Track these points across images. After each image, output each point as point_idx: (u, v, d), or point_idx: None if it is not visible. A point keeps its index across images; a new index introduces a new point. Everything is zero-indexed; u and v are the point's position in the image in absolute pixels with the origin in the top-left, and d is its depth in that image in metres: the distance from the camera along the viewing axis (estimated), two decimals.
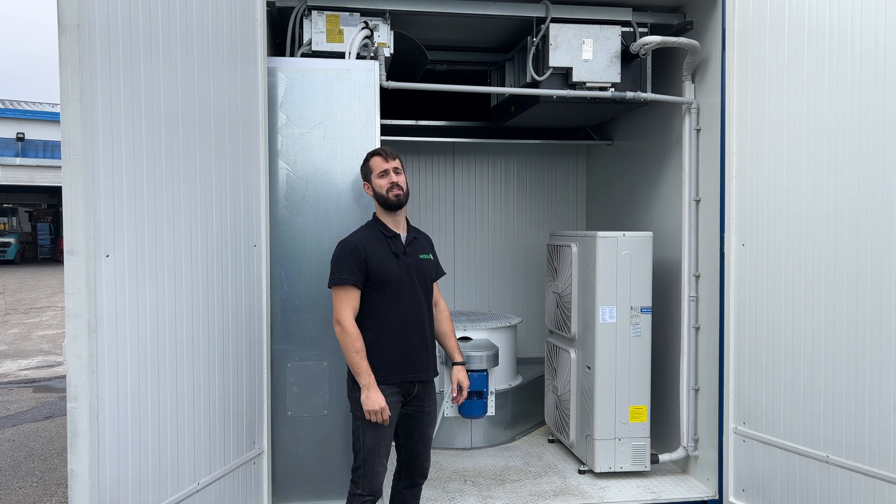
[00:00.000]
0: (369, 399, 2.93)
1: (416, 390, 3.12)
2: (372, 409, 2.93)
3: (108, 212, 2.47)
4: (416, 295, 3.09)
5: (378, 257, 3.02)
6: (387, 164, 3.10)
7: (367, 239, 3.07)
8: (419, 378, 3.11)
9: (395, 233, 3.13)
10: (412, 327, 3.07)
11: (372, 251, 3.02)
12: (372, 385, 2.94)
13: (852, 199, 3.17)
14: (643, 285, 4.23)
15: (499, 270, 6.30)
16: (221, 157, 3.09)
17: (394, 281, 3.03)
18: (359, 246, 3.02)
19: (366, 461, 3.02)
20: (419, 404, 3.16)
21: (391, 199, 3.07)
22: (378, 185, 3.10)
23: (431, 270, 3.23)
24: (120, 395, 2.54)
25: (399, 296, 3.04)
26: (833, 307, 3.27)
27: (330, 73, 3.68)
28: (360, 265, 2.99)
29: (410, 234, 3.20)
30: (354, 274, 2.98)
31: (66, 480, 4.04)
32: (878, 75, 3.06)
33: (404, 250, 3.11)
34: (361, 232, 3.14)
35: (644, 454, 4.26)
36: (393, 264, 3.04)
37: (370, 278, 3.01)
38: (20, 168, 24.37)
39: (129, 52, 2.54)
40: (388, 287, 3.02)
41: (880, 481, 3.07)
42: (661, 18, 4.37)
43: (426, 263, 3.19)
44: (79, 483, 2.40)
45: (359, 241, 3.04)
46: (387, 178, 3.08)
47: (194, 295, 2.93)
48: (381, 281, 3.01)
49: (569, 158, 6.36)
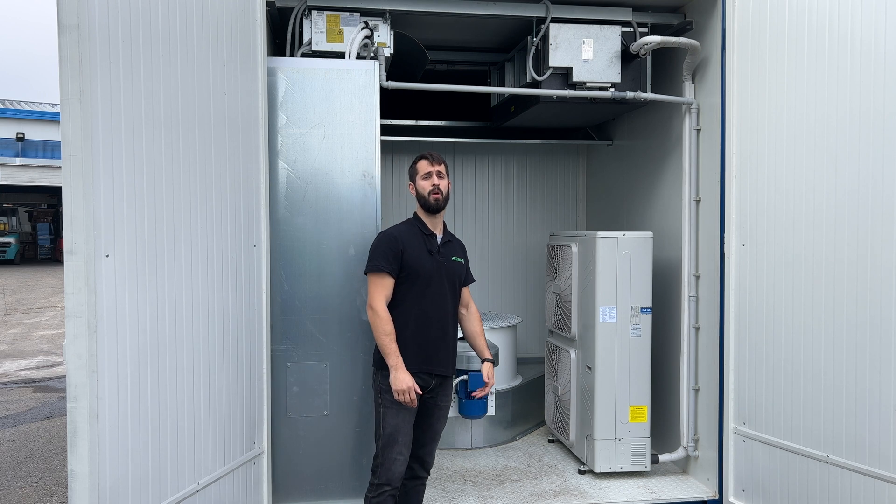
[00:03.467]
0: (397, 378, 3.04)
1: (434, 383, 3.24)
2: (400, 388, 3.03)
3: (108, 212, 2.46)
4: (443, 291, 3.23)
5: (413, 251, 3.18)
6: (432, 167, 3.27)
7: (406, 233, 3.24)
8: (434, 371, 3.22)
9: (433, 232, 3.29)
10: (434, 322, 3.20)
11: (409, 244, 3.19)
12: (400, 366, 3.06)
13: (852, 199, 3.17)
14: (643, 285, 4.23)
15: (499, 270, 6.30)
16: (221, 157, 3.09)
17: (424, 275, 3.17)
18: (398, 237, 3.19)
19: (384, 448, 3.12)
20: (433, 397, 3.27)
21: (430, 202, 3.25)
22: (421, 187, 3.27)
23: (461, 273, 3.37)
24: (120, 395, 2.54)
25: (427, 290, 3.18)
26: (833, 307, 3.27)
27: (330, 73, 3.68)
28: (397, 255, 3.15)
29: (446, 236, 3.37)
30: (391, 263, 3.14)
31: (66, 480, 4.04)
32: (878, 75, 3.06)
33: (438, 249, 3.27)
34: (401, 226, 3.31)
35: (644, 454, 4.26)
36: (426, 259, 3.20)
37: (404, 269, 3.16)
38: (20, 168, 24.37)
39: (129, 52, 2.54)
40: (419, 280, 3.17)
41: (880, 481, 3.07)
42: (661, 18, 4.37)
43: (457, 265, 3.34)
44: (79, 483, 2.40)
45: (398, 234, 3.22)
46: (430, 181, 3.25)
47: (194, 295, 2.93)
48: (413, 273, 3.16)
49: (569, 158, 6.36)
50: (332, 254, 3.67)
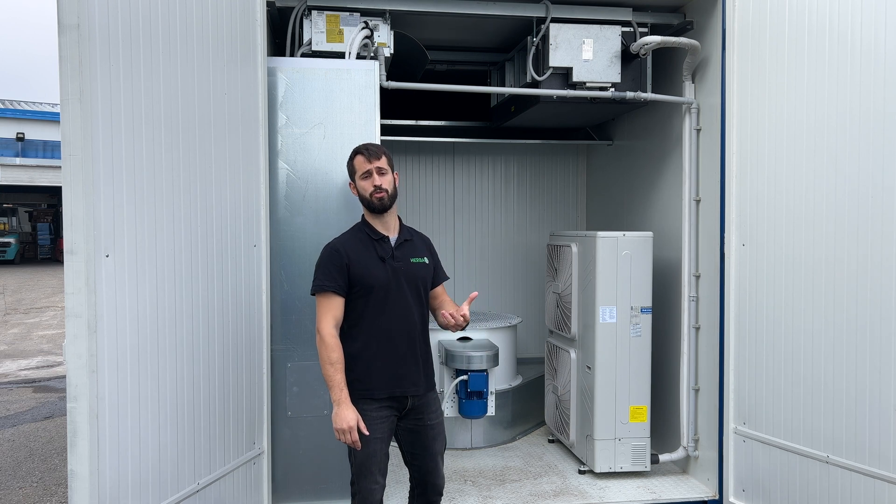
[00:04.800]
0: (338, 416, 2.70)
1: (411, 403, 2.90)
2: (339, 427, 2.69)
3: (108, 212, 2.47)
4: (404, 302, 2.86)
5: (361, 261, 2.82)
6: (369, 164, 2.84)
7: (351, 242, 2.87)
8: (408, 392, 2.87)
9: (383, 235, 2.90)
10: (400, 337, 2.85)
11: (355, 255, 2.82)
12: (343, 401, 2.71)
13: (852, 199, 3.17)
14: (643, 285, 4.22)
15: (499, 270, 6.30)
16: (221, 157, 3.09)
17: (379, 287, 2.81)
18: (340, 250, 2.83)
19: (358, 478, 2.83)
20: (419, 417, 2.92)
21: (374, 203, 2.85)
22: (361, 188, 2.87)
23: (425, 275, 2.96)
24: (120, 395, 2.54)
25: (385, 303, 2.82)
26: (833, 307, 3.27)
27: (330, 73, 3.68)
28: (342, 270, 2.79)
29: (402, 235, 2.96)
30: (335, 280, 2.78)
31: (66, 480, 4.04)
32: (878, 74, 3.06)
33: (392, 254, 2.88)
34: (346, 235, 2.94)
35: (644, 454, 4.26)
36: (378, 269, 2.83)
37: (354, 284, 2.81)
38: (20, 168, 24.37)
39: (129, 52, 2.54)
40: (374, 294, 2.81)
41: (880, 481, 3.07)
42: (661, 18, 4.36)
43: (418, 268, 2.93)
44: (79, 483, 2.40)
45: (341, 245, 2.85)
46: (370, 181, 2.84)
47: (194, 295, 2.93)
48: (365, 287, 2.80)
49: (569, 158, 6.36)
50: None
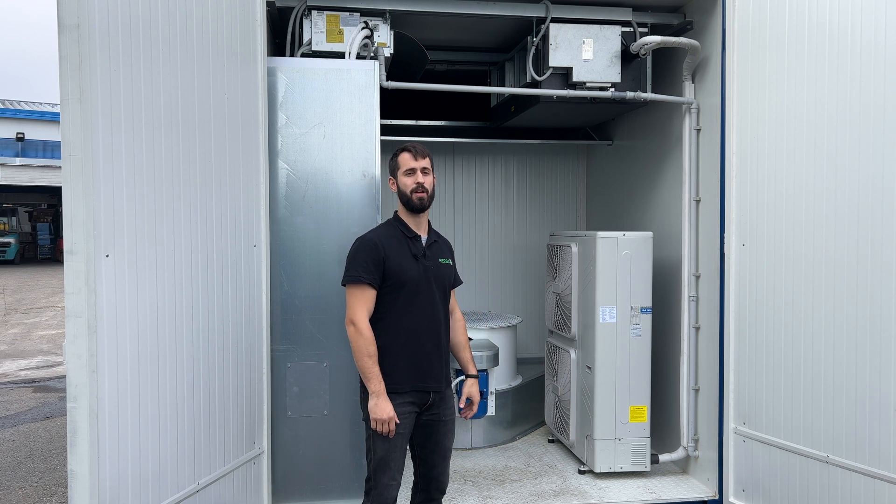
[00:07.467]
0: (377, 407, 2.79)
1: (432, 399, 2.97)
2: (379, 417, 2.78)
3: (108, 212, 2.47)
4: (433, 300, 2.94)
5: (397, 257, 2.88)
6: (415, 162, 2.94)
7: (387, 237, 2.93)
8: (431, 388, 2.95)
9: (416, 233, 2.99)
10: (427, 334, 2.92)
11: (391, 250, 2.89)
12: (382, 392, 2.80)
13: (852, 199, 3.17)
14: (643, 285, 4.22)
15: (499, 270, 6.30)
16: (221, 157, 3.09)
17: (411, 283, 2.88)
18: (378, 244, 2.88)
19: (376, 472, 2.88)
20: (435, 413, 3.00)
21: (413, 201, 2.93)
22: (403, 184, 2.95)
23: (450, 276, 3.08)
24: (120, 395, 2.54)
25: (415, 299, 2.90)
26: (833, 307, 3.27)
27: (330, 73, 3.68)
28: (379, 264, 2.85)
29: (431, 236, 3.05)
30: (371, 273, 2.84)
31: (66, 480, 4.03)
32: (878, 74, 3.06)
33: (424, 252, 2.97)
34: (381, 229, 3.01)
35: (644, 454, 4.26)
36: (411, 266, 2.90)
37: (387, 279, 2.87)
38: (20, 168, 24.37)
39: (129, 52, 2.54)
40: (405, 289, 2.88)
41: (880, 481, 3.07)
42: (661, 18, 4.37)
43: (445, 268, 3.04)
44: (79, 483, 2.40)
45: (378, 239, 2.91)
46: (413, 178, 2.92)
47: (194, 295, 2.93)
48: (398, 282, 2.87)
49: (569, 158, 6.36)
50: (332, 254, 3.66)
